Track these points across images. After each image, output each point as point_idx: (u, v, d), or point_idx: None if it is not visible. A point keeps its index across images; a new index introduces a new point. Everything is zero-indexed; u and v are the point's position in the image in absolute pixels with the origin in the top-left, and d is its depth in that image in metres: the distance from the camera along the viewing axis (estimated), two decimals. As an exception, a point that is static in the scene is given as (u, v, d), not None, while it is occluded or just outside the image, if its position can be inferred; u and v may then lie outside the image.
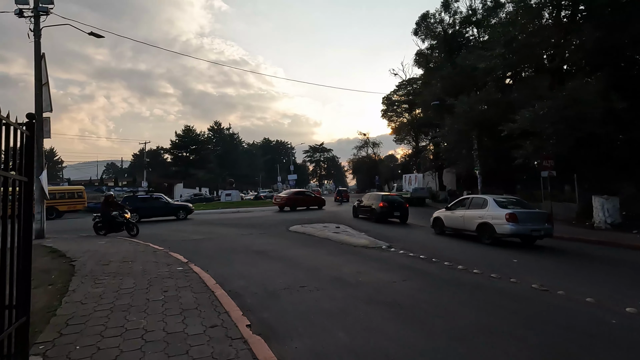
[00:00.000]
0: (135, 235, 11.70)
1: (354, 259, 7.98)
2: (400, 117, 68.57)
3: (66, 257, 7.70)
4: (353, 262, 7.64)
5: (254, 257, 8.22)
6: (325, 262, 7.59)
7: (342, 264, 7.50)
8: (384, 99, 68.47)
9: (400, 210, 16.41)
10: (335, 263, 7.55)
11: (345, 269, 7.01)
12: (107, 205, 12.18)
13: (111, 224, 11.97)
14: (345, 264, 7.50)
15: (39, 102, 11.47)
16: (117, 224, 11.98)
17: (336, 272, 6.74)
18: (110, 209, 12.03)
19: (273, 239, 11.08)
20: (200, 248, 9.51)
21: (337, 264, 7.42)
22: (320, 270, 6.85)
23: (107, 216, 11.93)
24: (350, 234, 11.29)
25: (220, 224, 16.31)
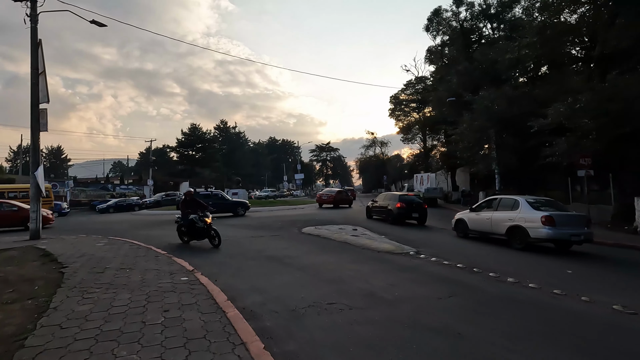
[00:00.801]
0: (217, 245, 9.12)
1: (382, 268, 7.00)
2: (408, 116, 67.55)
3: (57, 262, 6.84)
4: (382, 272, 6.66)
5: (268, 265, 7.28)
6: (350, 272, 6.62)
7: (369, 274, 6.52)
8: (391, 98, 67.32)
9: (418, 211, 15.40)
10: (362, 273, 6.58)
11: (375, 280, 6.03)
12: (186, 205, 9.55)
13: (191, 230, 9.42)
14: (374, 274, 6.53)
15: (35, 92, 10.67)
16: (197, 230, 9.32)
17: (365, 284, 5.77)
18: (188, 211, 9.38)
19: (287, 243, 10.14)
20: (208, 253, 8.60)
21: (364, 274, 6.45)
22: (347, 282, 5.88)
23: (186, 219, 9.36)
24: (371, 238, 10.30)
25: (228, 224, 15.41)
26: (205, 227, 9.11)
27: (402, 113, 66.93)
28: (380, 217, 16.94)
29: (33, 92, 10.67)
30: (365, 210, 18.66)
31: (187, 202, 9.61)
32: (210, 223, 9.21)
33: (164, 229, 13.94)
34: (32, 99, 10.67)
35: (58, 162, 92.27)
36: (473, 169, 21.89)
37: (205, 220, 9.11)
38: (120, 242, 9.78)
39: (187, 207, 9.46)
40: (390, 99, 67.87)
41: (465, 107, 26.27)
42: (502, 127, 18.49)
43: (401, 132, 67.56)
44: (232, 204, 20.19)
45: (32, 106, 10.66)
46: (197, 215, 9.19)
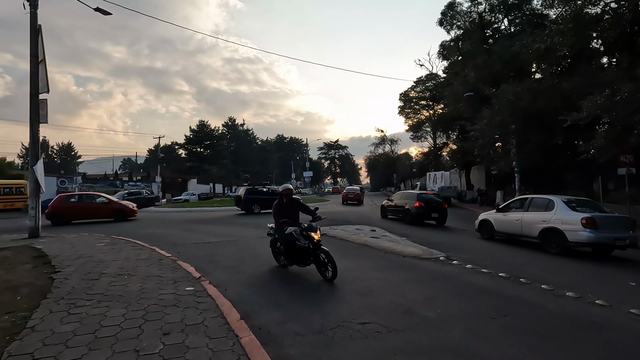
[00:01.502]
0: (331, 278, 5.67)
1: (414, 277, 6.15)
2: (418, 113, 66.35)
3: (50, 265, 6.14)
4: (414, 282, 5.82)
5: (283, 272, 6.48)
6: (377, 281, 5.79)
7: (400, 284, 5.68)
8: (401, 95, 66.22)
9: (438, 211, 14.49)
10: (392, 282, 5.74)
11: (409, 292, 5.19)
12: (282, 210, 6.25)
13: (290, 249, 6.09)
14: (405, 284, 5.69)
15: (35, 81, 10.02)
16: (299, 251, 6.00)
17: (399, 297, 4.94)
18: (284, 220, 6.02)
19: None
20: (216, 255, 7.84)
21: (395, 284, 5.61)
22: (377, 295, 5.06)
23: (283, 234, 5.99)
24: (392, 240, 9.44)
25: (237, 223, 14.71)
26: (311, 247, 5.83)
27: (412, 111, 65.81)
28: (396, 217, 16.08)
29: (32, 82, 10.03)
30: (380, 210, 17.82)
31: (284, 206, 6.35)
32: (319, 240, 5.89)
33: (170, 228, 13.29)
34: (31, 88, 10.03)
35: (68, 158, 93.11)
36: (493, 167, 20.80)
37: (312, 235, 5.81)
38: (122, 242, 9.09)
39: (283, 212, 6.21)
40: (400, 96, 66.75)
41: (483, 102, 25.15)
42: (526, 123, 17.40)
43: (411, 129, 66.41)
44: None
45: (31, 96, 10.03)
46: (297, 227, 5.95)
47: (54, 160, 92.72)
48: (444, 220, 14.62)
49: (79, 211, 16.33)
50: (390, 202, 16.78)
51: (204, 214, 20.79)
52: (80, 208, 16.44)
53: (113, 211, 16.74)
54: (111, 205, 16.88)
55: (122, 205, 17.32)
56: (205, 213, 21.25)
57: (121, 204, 17.42)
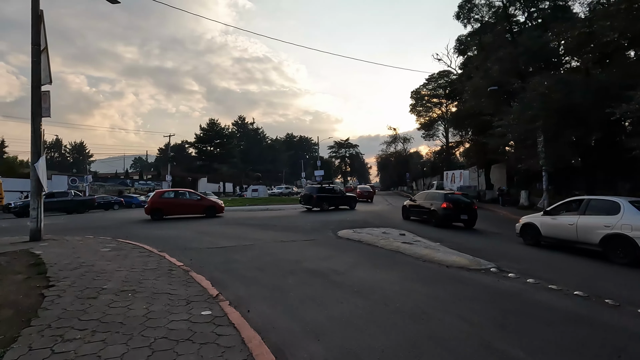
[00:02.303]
0: None
1: (470, 294, 5.13)
2: (430, 111, 64.93)
3: (45, 276, 5.31)
4: (472, 301, 4.81)
5: (313, 283, 5.54)
6: (427, 299, 4.80)
7: (458, 304, 4.67)
8: (412, 93, 64.84)
9: (467, 212, 13.41)
10: (445, 302, 4.74)
11: (471, 315, 4.19)
12: None
13: None
14: (465, 304, 4.67)
15: (37, 71, 9.27)
16: None
17: (462, 322, 3.94)
18: None
19: (326, 250, 8.38)
20: (233, 263, 6.94)
21: (451, 305, 4.61)
22: (435, 319, 4.07)
23: None
24: (428, 246, 8.41)
25: (251, 224, 13.83)
26: None
27: (424, 108, 64.48)
28: (419, 219, 15.04)
29: (34, 72, 9.28)
30: (402, 211, 16.77)
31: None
32: None
33: (180, 229, 12.47)
34: (33, 79, 9.28)
35: (81, 157, 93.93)
36: (521, 165, 19.53)
37: None
38: (129, 246, 8.27)
39: None
40: (411, 94, 65.33)
41: (508, 97, 23.86)
42: (560, 118, 16.13)
43: (422, 128, 65.08)
44: (348, 198, 22.64)
45: (33, 88, 9.28)
46: None
47: (66, 159, 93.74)
48: (474, 223, 13.54)
49: (174, 207, 16.92)
50: (413, 203, 15.77)
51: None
52: (176, 204, 17.03)
53: (204, 208, 17.31)
54: (203, 202, 17.50)
55: (213, 202, 17.99)
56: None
57: (212, 201, 18.11)
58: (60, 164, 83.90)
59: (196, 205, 17.36)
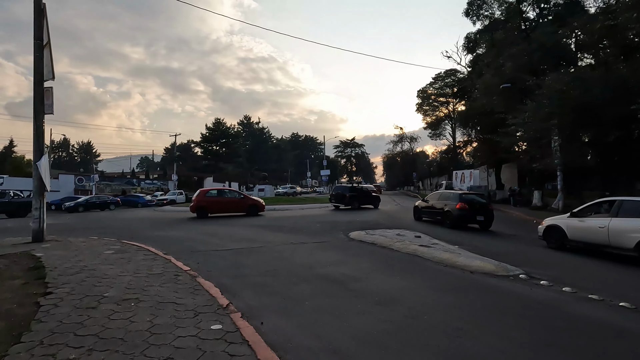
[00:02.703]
0: None
1: (503, 306, 4.67)
2: (436, 110, 64.21)
3: (43, 282, 4.97)
4: (506, 314, 4.35)
5: (329, 292, 5.12)
6: (456, 312, 4.36)
7: (490, 317, 4.22)
8: (419, 92, 64.24)
9: (483, 213, 12.90)
10: (477, 315, 4.29)
11: (510, 332, 3.74)
12: None
13: None
14: (497, 317, 4.22)
15: (39, 67, 8.97)
16: None
17: (503, 342, 3.49)
18: None
19: (338, 254, 7.96)
20: (242, 268, 6.54)
21: (482, 318, 4.17)
22: (469, 336, 3.62)
23: None
24: (448, 250, 7.94)
25: (259, 225, 13.46)
26: None
27: (430, 107, 63.78)
28: (432, 220, 14.56)
29: (36, 68, 8.98)
30: (413, 211, 16.30)
31: None
32: None
33: (188, 230, 12.14)
34: (35, 75, 8.98)
35: (88, 157, 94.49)
36: (536, 164, 18.92)
37: None
38: (134, 248, 7.92)
39: None
40: (418, 93, 64.76)
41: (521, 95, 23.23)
42: (578, 115, 15.53)
43: (429, 127, 64.39)
44: (373, 197, 23.10)
45: (35, 84, 8.98)
46: None
47: (74, 158, 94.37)
48: (490, 224, 13.04)
49: (219, 205, 17.19)
50: (426, 203, 15.29)
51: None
52: (220, 202, 17.30)
53: (247, 206, 17.65)
54: (246, 201, 17.85)
55: (255, 201, 18.35)
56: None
57: (254, 200, 18.47)
58: (68, 164, 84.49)
59: (239, 203, 17.65)
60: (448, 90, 59.63)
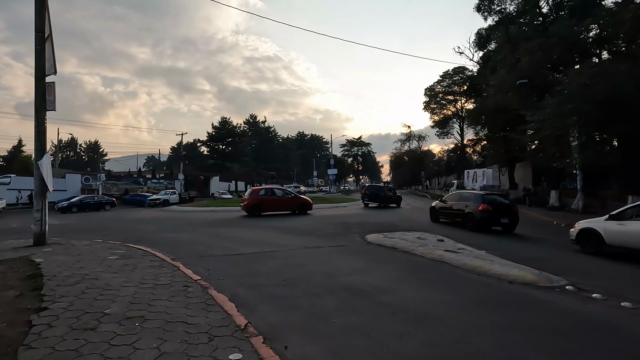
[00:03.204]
0: None
1: (564, 329, 4.06)
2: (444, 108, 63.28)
3: (39, 294, 4.47)
4: (576, 340, 3.74)
5: (357, 307, 4.54)
6: (513, 336, 3.75)
7: (558, 347, 3.61)
8: (426, 91, 63.43)
9: (508, 215, 12.20)
10: (540, 342, 3.68)
11: (587, 363, 3.14)
12: None
13: None
14: (569, 348, 3.61)
15: (41, 61, 8.51)
16: None
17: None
18: None
19: (359, 260, 7.38)
20: (257, 276, 6.00)
21: (549, 348, 3.55)
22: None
23: None
24: (478, 256, 7.29)
25: (269, 226, 12.92)
26: None
27: (438, 106, 62.88)
28: (450, 221, 13.95)
29: (37, 62, 8.52)
30: (430, 212, 15.65)
31: None
32: None
33: (196, 232, 11.64)
34: (37, 70, 8.53)
35: (95, 156, 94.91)
36: (556, 163, 18.14)
37: None
38: (139, 253, 7.42)
39: None
40: (425, 91, 63.97)
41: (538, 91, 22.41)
42: (604, 111, 14.73)
43: (436, 125, 63.49)
44: (398, 197, 24.87)
45: (37, 79, 8.53)
46: None
47: (81, 158, 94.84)
48: (514, 227, 12.35)
49: (271, 203, 17.49)
50: (444, 204, 14.61)
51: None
52: (273, 201, 17.60)
53: (297, 204, 18.05)
54: (296, 200, 18.24)
55: (305, 200, 18.78)
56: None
57: (304, 199, 18.88)
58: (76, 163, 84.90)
59: (290, 202, 18.00)
60: (456, 88, 58.69)
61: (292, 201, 18.01)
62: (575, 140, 17.72)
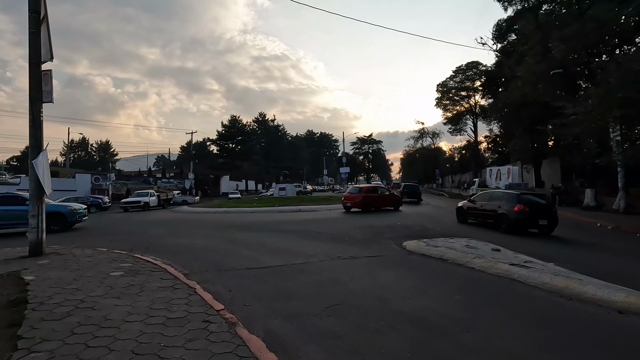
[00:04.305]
0: None
1: None
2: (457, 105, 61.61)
3: (15, 334, 3.37)
4: None
5: (434, 355, 3.33)
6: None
7: None
8: (438, 86, 61.78)
9: (547, 216, 11.06)
10: None
11: None
12: None
13: None
14: None
15: (36, 45, 7.46)
16: None
17: None
18: None
19: (407, 276, 6.14)
20: (290, 298, 4.83)
21: None
22: None
23: None
24: (556, 271, 5.93)
25: (290, 231, 11.76)
26: None
27: (450, 102, 61.22)
28: (480, 222, 12.96)
29: (32, 46, 7.47)
30: (456, 213, 14.56)
31: None
32: None
33: (209, 237, 10.55)
34: (31, 56, 7.48)
35: (106, 156, 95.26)
36: (600, 160, 16.61)
37: None
38: (148, 267, 6.32)
39: None
40: (437, 87, 62.42)
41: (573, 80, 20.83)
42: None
43: (449, 122, 61.86)
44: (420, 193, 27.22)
45: (31, 66, 7.48)
46: None
47: (92, 157, 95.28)
48: (553, 229, 11.22)
49: (376, 200, 18.88)
50: (472, 204, 13.53)
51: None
52: (377, 198, 19.09)
53: (393, 201, 19.59)
54: (392, 197, 20.02)
55: (398, 197, 20.60)
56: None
57: (397, 196, 20.64)
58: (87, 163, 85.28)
59: (388, 199, 19.58)
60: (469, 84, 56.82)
61: (390, 198, 19.67)
62: (617, 133, 16.18)
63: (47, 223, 7.72)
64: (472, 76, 57.13)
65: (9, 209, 11.86)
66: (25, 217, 11.61)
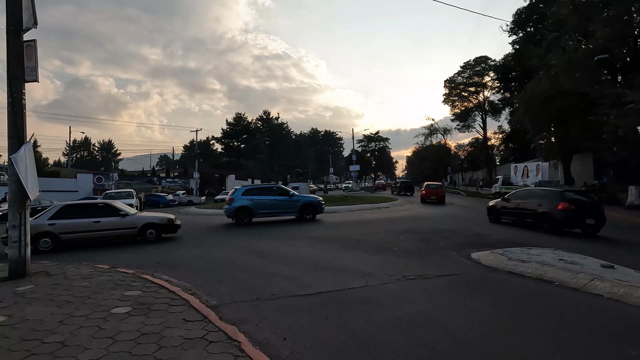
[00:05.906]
0: None
1: None
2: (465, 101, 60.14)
3: None
4: None
5: None
6: None
7: None
8: (446, 82, 60.10)
9: (594, 215, 10.05)
10: None
11: None
12: None
13: None
14: None
15: (15, 7, 5.86)
16: None
17: None
18: None
19: (516, 309, 4.47)
20: (376, 355, 3.18)
21: None
22: None
23: None
24: None
25: (320, 237, 10.09)
26: None
27: (459, 98, 59.68)
28: (515, 221, 11.97)
29: (10, 9, 5.86)
30: (488, 212, 13.55)
31: None
32: None
33: (229, 246, 8.85)
34: (9, 21, 5.86)
35: (109, 155, 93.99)
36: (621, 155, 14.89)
37: None
38: (163, 297, 4.69)
39: None
40: (445, 83, 60.82)
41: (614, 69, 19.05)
42: None
43: (457, 118, 60.46)
44: None
45: (9, 35, 5.87)
46: None
47: (95, 157, 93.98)
48: (599, 229, 10.17)
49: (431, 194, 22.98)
50: (507, 203, 12.50)
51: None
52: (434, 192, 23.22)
53: (442, 196, 23.07)
54: (442, 191, 23.53)
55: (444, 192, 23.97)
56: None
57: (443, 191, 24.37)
58: (90, 163, 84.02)
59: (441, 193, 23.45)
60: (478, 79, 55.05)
61: (441, 192, 23.37)
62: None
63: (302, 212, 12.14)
64: (481, 71, 55.64)
65: (280, 199, 13.67)
66: (291, 206, 13.71)
